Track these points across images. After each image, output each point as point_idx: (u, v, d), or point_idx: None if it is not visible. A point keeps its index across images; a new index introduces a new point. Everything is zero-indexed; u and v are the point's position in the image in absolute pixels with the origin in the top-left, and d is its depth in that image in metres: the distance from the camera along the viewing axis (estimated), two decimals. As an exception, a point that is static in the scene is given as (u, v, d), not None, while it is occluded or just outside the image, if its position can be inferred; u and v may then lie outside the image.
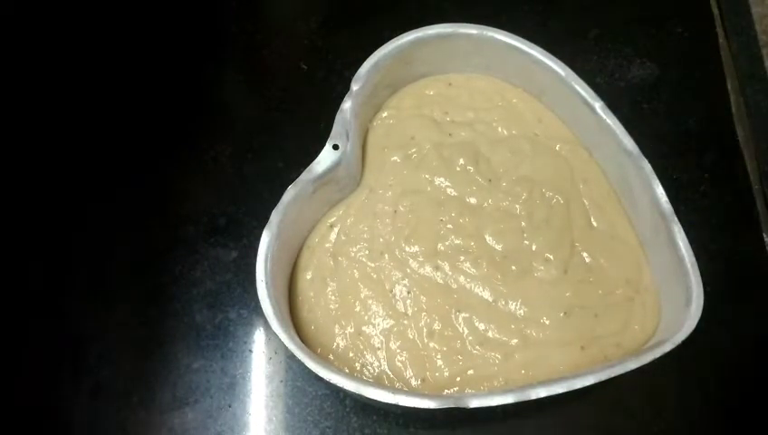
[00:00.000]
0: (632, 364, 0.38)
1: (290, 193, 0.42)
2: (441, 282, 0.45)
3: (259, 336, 0.46)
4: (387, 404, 0.37)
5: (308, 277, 0.45)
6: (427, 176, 0.47)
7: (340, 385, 0.37)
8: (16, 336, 0.47)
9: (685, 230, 0.41)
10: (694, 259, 0.40)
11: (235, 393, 0.45)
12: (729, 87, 0.54)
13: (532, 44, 0.46)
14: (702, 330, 0.38)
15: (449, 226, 0.46)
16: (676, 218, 0.41)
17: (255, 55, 0.56)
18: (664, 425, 0.44)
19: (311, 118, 0.51)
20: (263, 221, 0.41)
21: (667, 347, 0.38)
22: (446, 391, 0.42)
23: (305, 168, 0.43)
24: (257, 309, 0.41)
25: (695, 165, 0.51)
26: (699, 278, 0.39)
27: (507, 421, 0.44)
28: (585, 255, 0.45)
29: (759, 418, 0.44)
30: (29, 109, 0.54)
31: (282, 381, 0.45)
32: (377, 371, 0.43)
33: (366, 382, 0.38)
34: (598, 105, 0.44)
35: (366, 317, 0.44)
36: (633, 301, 0.44)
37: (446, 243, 0.45)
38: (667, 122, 0.52)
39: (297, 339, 0.39)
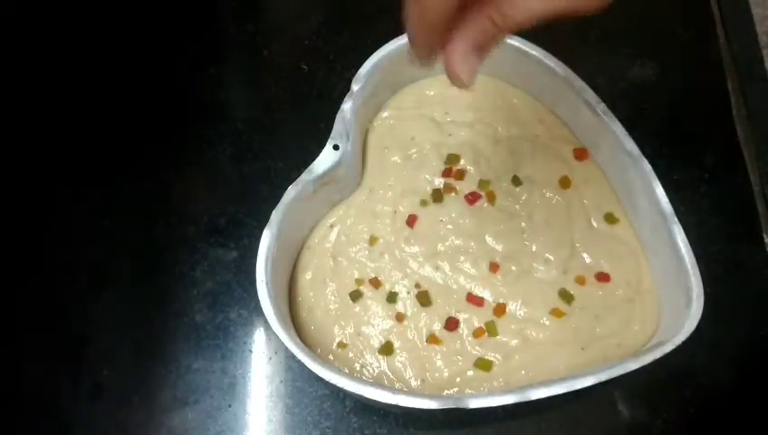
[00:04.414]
0: (632, 365, 0.38)
1: (290, 193, 0.42)
2: (441, 282, 0.45)
3: (259, 336, 0.46)
4: (387, 404, 0.37)
5: (308, 278, 0.45)
6: (427, 176, 0.47)
7: (341, 385, 0.37)
8: (16, 336, 0.47)
9: (685, 230, 0.41)
10: (694, 260, 0.40)
11: (235, 393, 0.45)
12: (729, 88, 0.54)
13: (533, 45, 0.46)
14: (702, 330, 0.38)
15: (449, 226, 0.46)
16: (676, 219, 0.41)
17: (255, 56, 0.56)
18: (664, 425, 0.44)
19: (311, 118, 0.51)
20: (263, 221, 0.41)
21: (668, 348, 0.38)
22: (445, 391, 0.42)
23: (305, 168, 0.43)
24: (257, 309, 0.41)
25: (695, 165, 0.51)
26: (699, 279, 0.39)
27: (507, 422, 0.44)
28: (585, 255, 0.45)
29: (759, 418, 0.44)
30: (30, 108, 0.54)
31: (282, 382, 0.45)
32: (376, 371, 0.43)
33: (366, 383, 0.38)
34: (598, 106, 0.44)
35: (366, 317, 0.44)
36: (633, 302, 0.44)
37: (446, 243, 0.45)
38: (667, 123, 0.52)
39: (297, 339, 0.39)
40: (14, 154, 0.52)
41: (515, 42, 0.46)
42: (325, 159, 0.43)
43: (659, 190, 0.42)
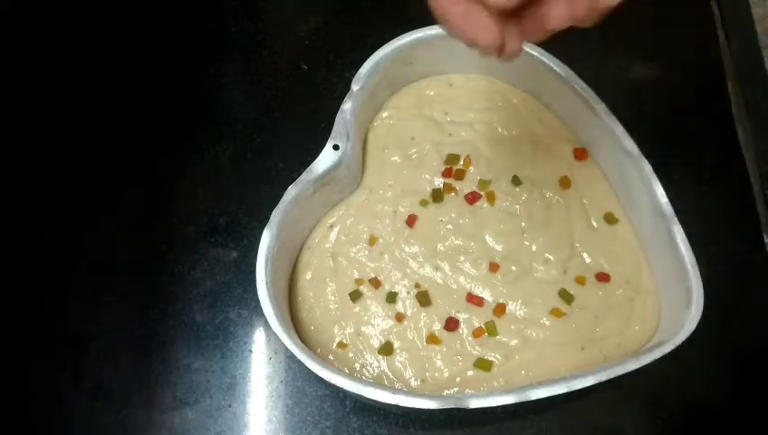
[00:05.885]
0: (632, 365, 0.38)
1: (290, 193, 0.42)
2: (441, 282, 0.45)
3: (259, 336, 0.46)
4: (387, 404, 0.37)
5: (308, 278, 0.45)
6: (427, 176, 0.47)
7: (341, 385, 0.37)
8: (16, 336, 0.47)
9: (685, 230, 0.41)
10: (694, 260, 0.40)
11: (235, 393, 0.45)
12: (729, 88, 0.54)
13: (533, 45, 0.46)
14: (702, 330, 0.38)
15: (449, 226, 0.46)
16: (676, 219, 0.41)
17: (256, 55, 0.56)
18: (664, 425, 0.44)
19: (311, 118, 0.51)
20: (263, 221, 0.41)
21: (667, 348, 0.38)
22: (445, 391, 0.42)
23: (305, 168, 0.43)
24: (257, 309, 0.41)
25: (695, 165, 0.51)
26: (699, 279, 0.40)
27: (507, 422, 0.44)
28: (585, 255, 0.45)
29: (759, 417, 0.44)
30: (29, 108, 0.54)
31: (282, 382, 0.45)
32: (376, 371, 0.43)
33: (366, 383, 0.38)
34: (598, 106, 0.44)
35: (365, 317, 0.44)
36: (633, 301, 0.44)
37: (446, 243, 0.45)
38: (667, 123, 0.52)
39: (297, 339, 0.39)
40: (14, 154, 0.52)
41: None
42: (325, 159, 0.43)
43: (659, 190, 0.42)
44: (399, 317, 0.44)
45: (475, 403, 0.37)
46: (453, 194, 0.47)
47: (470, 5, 0.29)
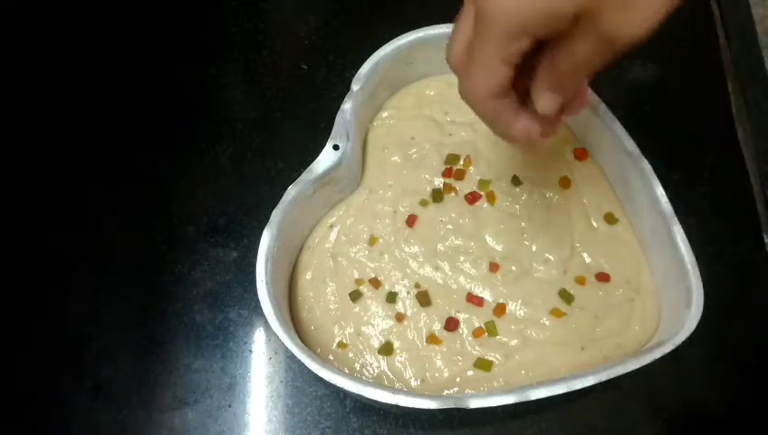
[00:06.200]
0: (632, 365, 0.38)
1: (290, 193, 0.42)
2: (441, 282, 0.45)
3: (259, 336, 0.46)
4: (387, 404, 0.37)
5: (308, 278, 0.45)
6: (427, 176, 0.47)
7: (341, 386, 0.37)
8: (16, 336, 0.47)
9: (685, 230, 0.41)
10: (694, 260, 0.40)
11: (235, 393, 0.45)
12: (730, 88, 0.54)
13: (533, 45, 0.46)
14: (702, 330, 0.38)
15: (449, 226, 0.46)
16: (676, 219, 0.41)
17: (256, 55, 0.56)
18: (664, 425, 0.44)
19: (311, 118, 0.51)
20: (263, 221, 0.41)
21: (667, 348, 0.38)
22: (445, 391, 0.42)
23: (305, 168, 0.43)
24: (257, 309, 0.41)
25: (695, 165, 0.51)
26: (699, 279, 0.39)
27: (507, 422, 0.44)
28: (585, 255, 0.45)
29: (759, 418, 0.44)
30: (29, 108, 0.54)
31: (282, 382, 0.45)
32: (376, 371, 0.43)
33: (366, 383, 0.38)
34: (598, 106, 0.44)
35: (365, 317, 0.44)
36: (633, 302, 0.44)
37: (446, 243, 0.45)
38: (667, 123, 0.52)
39: (297, 339, 0.39)
40: (14, 154, 0.52)
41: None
42: (325, 159, 0.43)
43: (659, 190, 0.42)
44: (399, 317, 0.44)
45: (475, 403, 0.37)
46: (453, 194, 0.47)
47: (524, 119, 0.32)
